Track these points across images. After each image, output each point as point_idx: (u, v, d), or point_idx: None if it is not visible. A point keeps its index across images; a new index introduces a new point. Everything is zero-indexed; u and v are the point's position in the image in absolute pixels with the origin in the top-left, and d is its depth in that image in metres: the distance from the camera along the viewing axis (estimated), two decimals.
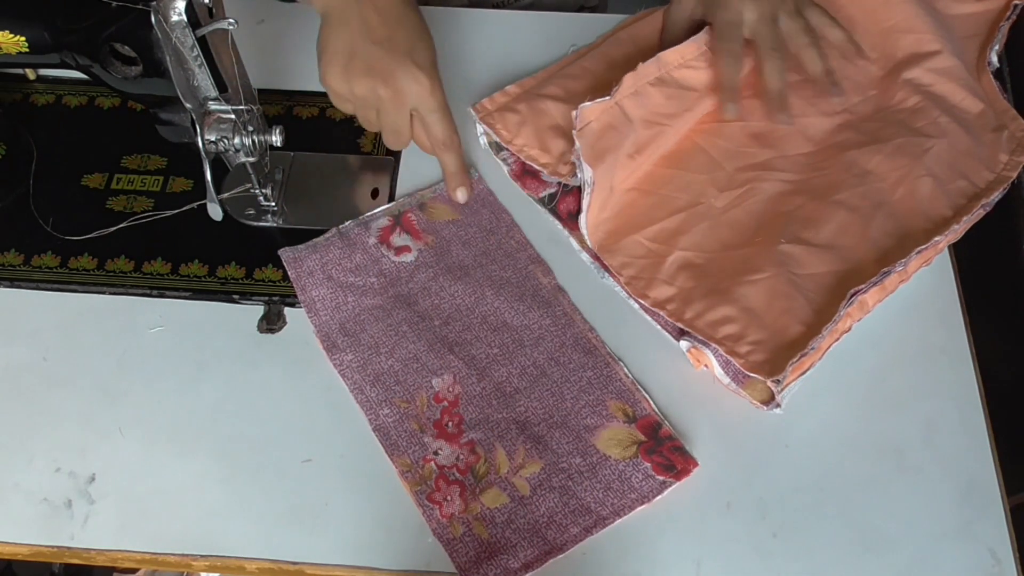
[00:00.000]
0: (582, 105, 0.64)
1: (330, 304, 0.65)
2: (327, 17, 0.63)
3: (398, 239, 0.68)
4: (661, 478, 0.58)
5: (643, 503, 0.57)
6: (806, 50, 0.67)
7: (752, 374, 0.59)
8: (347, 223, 0.68)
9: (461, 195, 0.69)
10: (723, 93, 0.68)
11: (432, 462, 0.59)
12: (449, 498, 0.58)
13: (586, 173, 0.63)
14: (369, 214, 0.69)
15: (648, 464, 0.58)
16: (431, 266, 0.67)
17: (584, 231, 0.65)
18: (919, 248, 0.62)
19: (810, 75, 0.68)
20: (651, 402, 0.61)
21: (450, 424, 0.60)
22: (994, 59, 0.73)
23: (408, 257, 0.67)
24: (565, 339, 0.64)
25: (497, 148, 0.72)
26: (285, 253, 0.67)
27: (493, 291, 0.66)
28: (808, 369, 0.60)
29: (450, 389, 0.62)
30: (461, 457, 0.59)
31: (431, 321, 0.65)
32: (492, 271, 0.67)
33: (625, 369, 0.62)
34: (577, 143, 0.63)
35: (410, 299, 0.66)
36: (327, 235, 0.68)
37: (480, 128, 0.71)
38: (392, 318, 0.65)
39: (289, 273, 0.66)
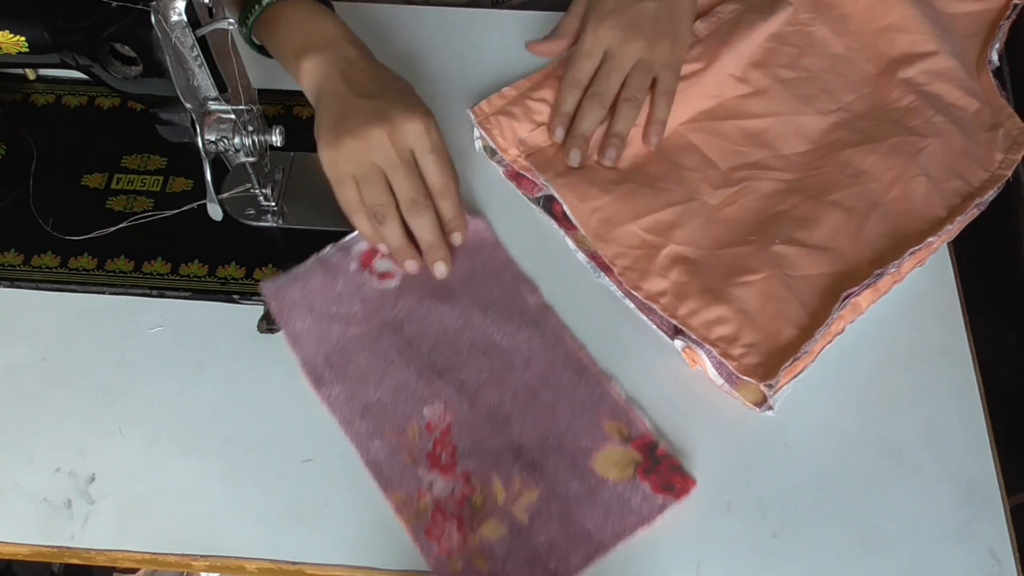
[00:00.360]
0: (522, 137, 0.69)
1: (314, 336, 0.63)
2: (319, 98, 0.63)
3: (381, 264, 0.66)
4: (660, 498, 0.57)
5: (643, 525, 0.56)
6: (625, 106, 0.67)
7: (745, 377, 0.59)
8: (327, 249, 0.66)
9: (457, 239, 0.65)
10: (555, 118, 0.69)
11: (427, 495, 0.57)
12: (447, 533, 0.56)
13: (540, 178, 0.67)
14: (349, 238, 0.67)
15: (647, 484, 0.58)
16: (416, 290, 0.65)
17: (575, 221, 0.66)
18: (912, 249, 0.62)
19: (604, 128, 0.68)
20: (646, 421, 0.60)
21: (443, 455, 0.59)
22: (995, 57, 0.73)
23: (392, 283, 0.65)
24: (555, 358, 0.62)
25: (492, 152, 0.72)
26: (267, 286, 0.64)
27: (480, 313, 0.64)
28: (801, 372, 0.60)
29: (441, 418, 0.60)
30: (456, 488, 0.58)
31: (418, 347, 0.63)
32: (478, 292, 0.65)
33: (618, 387, 0.61)
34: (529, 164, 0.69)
35: (396, 325, 0.64)
36: (307, 263, 0.65)
37: (477, 132, 0.71)
38: (378, 346, 0.63)
39: (271, 307, 0.64)
